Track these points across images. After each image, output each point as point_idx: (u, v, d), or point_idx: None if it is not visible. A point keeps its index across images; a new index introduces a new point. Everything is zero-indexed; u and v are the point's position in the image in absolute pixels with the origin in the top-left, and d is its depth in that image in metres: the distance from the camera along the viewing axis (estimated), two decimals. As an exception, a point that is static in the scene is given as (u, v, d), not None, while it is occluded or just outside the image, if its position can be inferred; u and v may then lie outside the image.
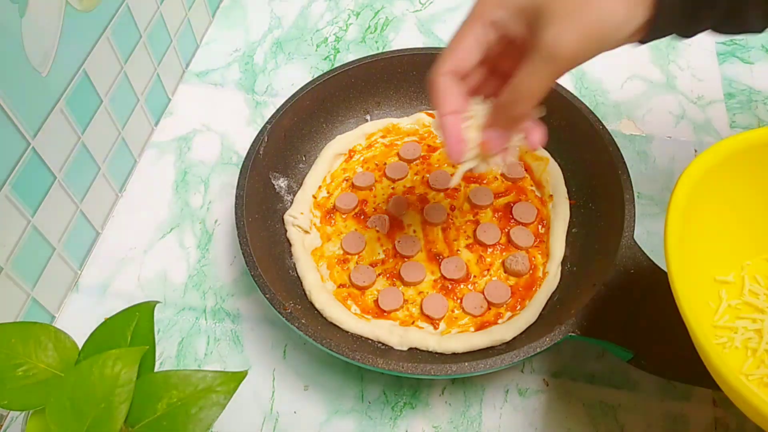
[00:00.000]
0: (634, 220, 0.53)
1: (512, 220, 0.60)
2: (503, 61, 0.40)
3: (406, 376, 0.52)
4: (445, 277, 0.57)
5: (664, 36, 0.38)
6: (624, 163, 0.56)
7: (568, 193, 0.61)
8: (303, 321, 0.50)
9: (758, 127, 0.69)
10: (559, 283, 0.56)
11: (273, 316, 0.58)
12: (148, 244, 0.64)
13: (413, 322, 0.55)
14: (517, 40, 0.37)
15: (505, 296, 0.55)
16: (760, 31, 0.38)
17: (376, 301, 0.56)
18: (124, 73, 0.64)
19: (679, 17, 0.37)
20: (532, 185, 0.63)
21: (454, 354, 0.52)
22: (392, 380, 0.55)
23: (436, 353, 0.52)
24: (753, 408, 0.35)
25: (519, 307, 0.55)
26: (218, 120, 0.73)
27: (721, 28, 0.38)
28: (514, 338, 0.52)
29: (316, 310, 0.55)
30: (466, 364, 0.47)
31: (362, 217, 0.61)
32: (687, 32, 0.38)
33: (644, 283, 0.50)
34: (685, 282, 0.39)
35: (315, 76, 0.65)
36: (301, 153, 0.65)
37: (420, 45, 0.79)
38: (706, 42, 0.78)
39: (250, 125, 0.72)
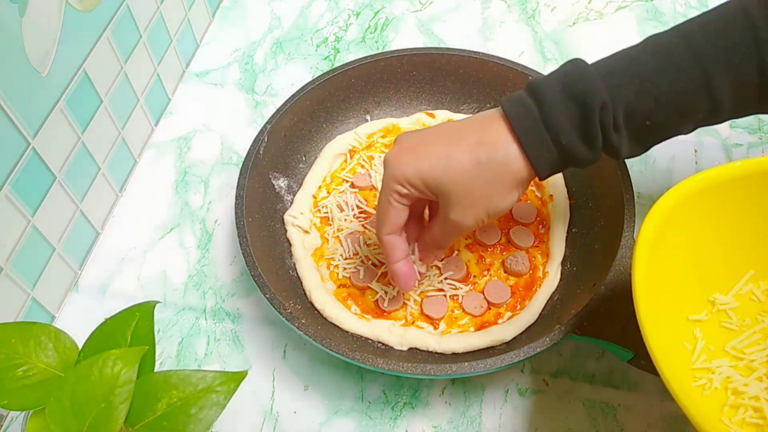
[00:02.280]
0: (634, 220, 0.53)
1: (512, 220, 0.60)
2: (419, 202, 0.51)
3: (406, 376, 0.52)
4: (445, 277, 0.57)
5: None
6: (624, 163, 0.56)
7: (568, 193, 0.61)
8: (303, 321, 0.50)
9: (758, 129, 0.69)
10: (559, 283, 0.56)
11: (273, 316, 0.58)
12: (148, 244, 0.64)
13: (413, 322, 0.55)
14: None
15: (505, 296, 0.55)
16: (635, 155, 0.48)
17: (376, 302, 0.56)
18: (124, 73, 0.64)
19: (561, 166, 0.46)
20: (532, 185, 0.63)
21: (454, 354, 0.52)
22: (392, 380, 0.55)
23: (436, 353, 0.52)
24: None
25: (519, 307, 0.55)
26: (218, 120, 0.73)
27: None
28: (514, 338, 0.52)
29: (316, 310, 0.55)
30: (466, 364, 0.47)
31: (362, 216, 0.61)
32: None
33: (644, 283, 0.50)
34: (658, 326, 0.38)
35: (315, 76, 0.65)
36: (301, 153, 0.65)
37: (420, 45, 0.79)
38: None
39: (250, 125, 0.72)
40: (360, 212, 0.61)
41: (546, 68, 0.75)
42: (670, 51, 0.44)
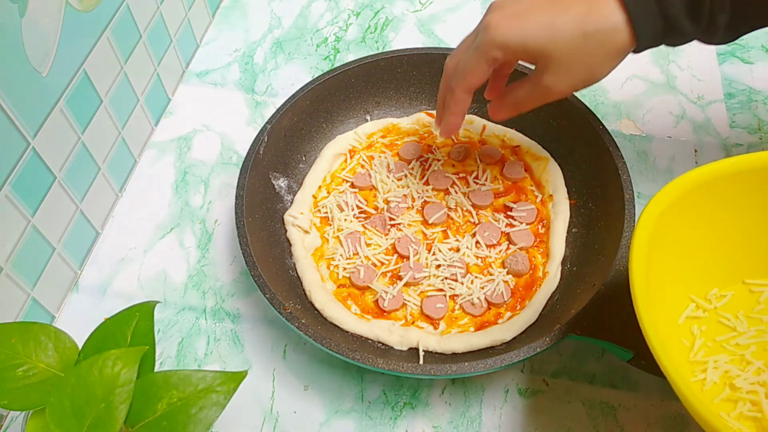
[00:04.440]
0: (634, 220, 0.53)
1: (512, 220, 0.60)
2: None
3: (406, 376, 0.52)
4: (445, 277, 0.57)
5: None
6: (624, 163, 0.56)
7: (568, 193, 0.61)
8: (303, 321, 0.50)
9: (757, 129, 0.69)
10: (559, 283, 0.56)
11: (273, 316, 0.58)
12: (148, 244, 0.64)
13: (413, 322, 0.55)
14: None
15: (505, 296, 0.55)
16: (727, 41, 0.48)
17: (376, 301, 0.56)
18: (124, 73, 0.64)
19: (660, 40, 0.47)
20: (532, 185, 0.63)
21: (454, 354, 0.52)
22: (392, 380, 0.55)
23: (436, 353, 0.52)
24: None
25: (519, 307, 0.55)
26: (218, 120, 0.73)
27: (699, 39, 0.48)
28: (514, 338, 0.52)
29: (316, 310, 0.55)
30: (466, 364, 0.47)
31: (363, 216, 0.61)
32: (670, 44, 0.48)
33: (644, 283, 0.50)
34: (657, 323, 0.39)
35: (315, 76, 0.65)
36: (301, 153, 0.65)
37: (420, 45, 0.79)
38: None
39: (250, 125, 0.73)
40: (360, 212, 0.61)
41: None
42: None
